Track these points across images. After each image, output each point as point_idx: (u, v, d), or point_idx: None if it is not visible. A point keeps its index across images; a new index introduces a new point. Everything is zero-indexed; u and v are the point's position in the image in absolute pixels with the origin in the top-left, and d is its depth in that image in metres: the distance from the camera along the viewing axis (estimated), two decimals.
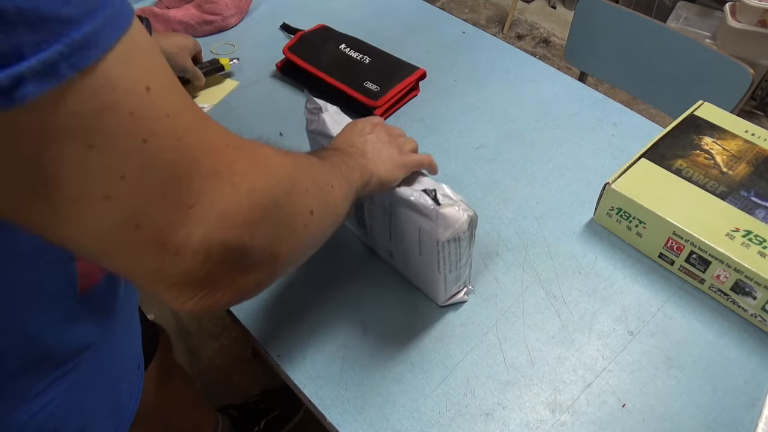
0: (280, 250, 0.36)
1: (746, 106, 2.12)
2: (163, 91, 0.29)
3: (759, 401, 0.62)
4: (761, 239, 0.67)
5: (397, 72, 0.98)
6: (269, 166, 0.36)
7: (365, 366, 0.64)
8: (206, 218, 0.31)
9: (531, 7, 2.75)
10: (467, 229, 0.60)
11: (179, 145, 0.30)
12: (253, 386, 1.34)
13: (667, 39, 1.16)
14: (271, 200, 0.35)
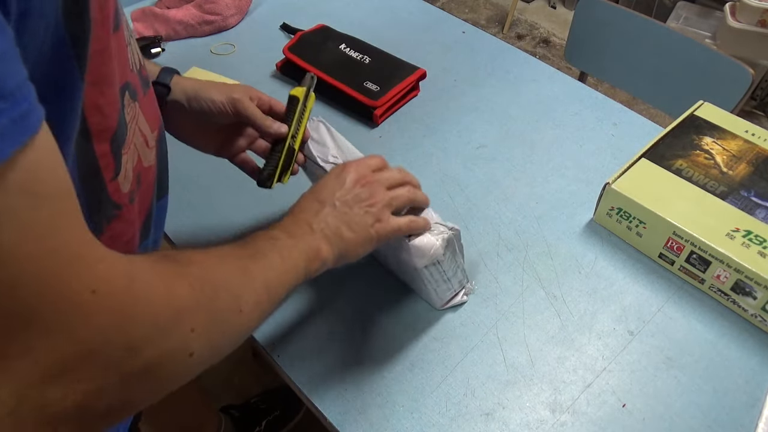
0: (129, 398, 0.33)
1: (746, 106, 2.12)
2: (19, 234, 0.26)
3: (759, 401, 0.62)
4: (761, 239, 0.67)
5: (397, 72, 0.98)
6: (136, 317, 0.32)
7: (365, 366, 0.64)
8: (21, 373, 0.27)
9: (531, 7, 2.75)
10: (444, 251, 0.59)
11: (11, 294, 0.26)
12: (254, 386, 1.34)
13: (667, 39, 1.16)
14: (123, 352, 0.31)
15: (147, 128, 0.49)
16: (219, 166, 0.73)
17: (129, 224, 0.47)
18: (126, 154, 0.43)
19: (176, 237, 0.78)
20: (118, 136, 0.41)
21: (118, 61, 0.40)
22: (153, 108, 0.52)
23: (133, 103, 0.45)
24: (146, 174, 0.49)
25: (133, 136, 0.45)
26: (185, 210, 0.81)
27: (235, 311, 0.41)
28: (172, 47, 1.10)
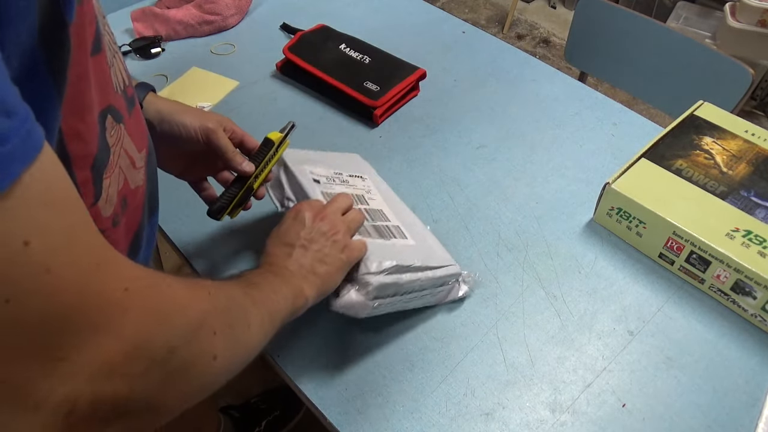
0: (165, 400, 0.34)
1: (746, 106, 2.12)
2: (49, 244, 0.27)
3: (759, 401, 0.62)
4: (761, 239, 0.67)
5: (397, 72, 0.98)
6: (171, 314, 0.33)
7: (365, 366, 0.64)
8: (75, 372, 0.28)
9: (531, 7, 2.75)
10: (374, 300, 0.58)
11: (53, 301, 0.27)
12: (254, 386, 1.34)
13: (667, 39, 1.16)
14: (165, 350, 0.32)
15: (134, 149, 0.48)
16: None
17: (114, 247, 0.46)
18: (108, 178, 0.43)
19: (176, 238, 0.78)
20: (98, 162, 0.41)
21: (98, 84, 0.40)
22: (140, 127, 0.51)
23: (118, 125, 0.44)
24: (133, 196, 0.49)
25: (118, 159, 0.45)
26: (183, 209, 0.81)
27: (245, 326, 0.43)
28: (172, 47, 1.10)
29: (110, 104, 0.43)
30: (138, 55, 1.07)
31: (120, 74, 0.46)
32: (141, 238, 0.52)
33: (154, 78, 1.03)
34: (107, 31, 0.45)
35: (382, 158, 0.84)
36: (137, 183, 0.49)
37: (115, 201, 0.45)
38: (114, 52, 0.46)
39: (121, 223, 0.47)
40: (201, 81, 1.03)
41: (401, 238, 0.66)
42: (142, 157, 0.51)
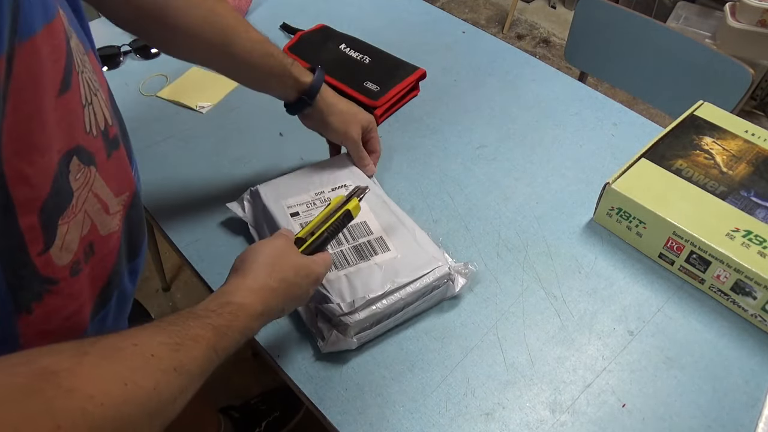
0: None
1: (746, 106, 2.12)
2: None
3: (759, 401, 0.62)
4: (761, 239, 0.67)
5: (397, 72, 0.98)
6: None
7: (365, 366, 0.64)
8: None
9: (531, 7, 2.75)
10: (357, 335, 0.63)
11: None
12: (254, 387, 1.34)
13: (667, 39, 1.16)
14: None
15: (108, 194, 0.45)
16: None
17: (71, 299, 0.42)
18: (67, 224, 0.40)
19: (176, 238, 0.78)
20: (49, 206, 0.37)
21: (62, 125, 0.38)
22: (120, 171, 0.48)
23: (86, 168, 0.41)
24: (104, 243, 0.45)
25: (84, 203, 0.42)
26: (183, 209, 0.81)
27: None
28: None
29: (78, 145, 0.40)
30: (138, 55, 1.07)
31: (101, 113, 0.44)
32: (111, 288, 0.49)
33: (154, 78, 1.03)
34: (88, 68, 0.43)
35: (382, 158, 0.84)
36: (110, 229, 0.46)
37: (75, 248, 0.41)
38: (95, 91, 0.43)
39: (84, 272, 0.43)
40: (201, 81, 1.03)
41: (383, 252, 0.67)
42: (120, 201, 0.47)
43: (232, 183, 0.84)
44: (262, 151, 0.89)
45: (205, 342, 0.41)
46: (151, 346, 0.37)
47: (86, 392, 0.31)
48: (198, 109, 0.97)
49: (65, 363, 0.31)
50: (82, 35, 0.45)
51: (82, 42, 0.44)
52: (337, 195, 0.72)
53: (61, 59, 0.37)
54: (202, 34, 0.65)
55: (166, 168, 0.87)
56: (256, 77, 0.71)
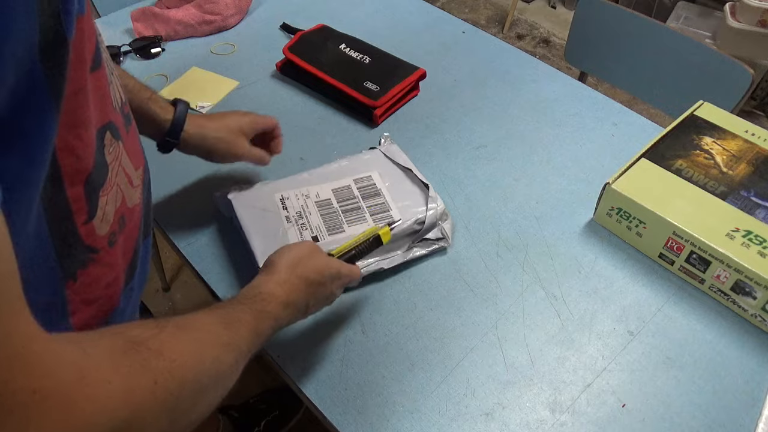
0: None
1: (746, 106, 2.12)
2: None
3: (759, 401, 0.62)
4: (761, 239, 0.67)
5: (397, 72, 0.98)
6: (91, 414, 0.29)
7: (365, 366, 0.64)
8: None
9: (531, 7, 2.75)
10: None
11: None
12: (253, 386, 1.34)
13: (667, 39, 1.16)
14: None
15: (131, 167, 0.47)
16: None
17: (109, 268, 0.45)
18: (106, 196, 0.42)
19: (176, 238, 0.78)
20: (93, 179, 0.40)
21: (97, 101, 0.39)
22: (136, 145, 0.50)
23: (116, 142, 0.44)
24: (131, 215, 0.48)
25: (116, 176, 0.44)
26: (183, 209, 0.81)
27: (197, 404, 0.39)
28: (172, 47, 1.10)
29: (110, 121, 0.42)
30: (138, 55, 1.07)
31: (117, 91, 0.46)
32: (138, 258, 0.51)
33: (154, 78, 1.03)
34: (104, 49, 0.44)
35: None
36: (134, 201, 0.49)
37: (111, 219, 0.44)
38: (111, 69, 0.45)
39: (118, 242, 0.45)
40: (201, 81, 1.03)
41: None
42: (139, 174, 0.50)
43: (231, 183, 0.84)
44: None
45: (246, 323, 0.47)
46: (208, 324, 0.43)
47: (170, 355, 0.36)
48: (198, 109, 0.97)
49: (150, 333, 0.36)
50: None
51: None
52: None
53: (93, 37, 0.38)
54: None
55: (166, 168, 0.87)
56: None
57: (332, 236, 0.71)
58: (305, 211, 0.73)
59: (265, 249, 0.68)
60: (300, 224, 0.72)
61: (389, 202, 0.75)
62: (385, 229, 0.67)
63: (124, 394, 0.31)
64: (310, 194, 0.76)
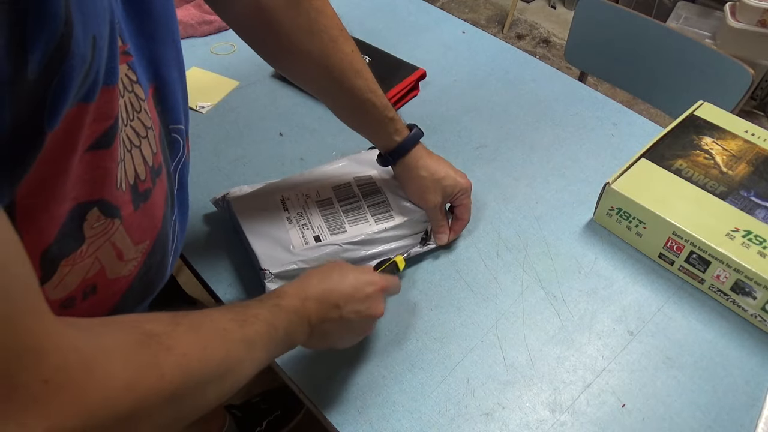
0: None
1: (746, 106, 2.12)
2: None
3: (759, 401, 0.62)
4: (761, 239, 0.67)
5: (397, 72, 0.98)
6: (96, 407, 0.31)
7: (365, 366, 0.64)
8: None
9: (531, 7, 2.75)
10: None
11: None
12: (254, 386, 1.34)
13: (667, 39, 1.16)
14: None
15: (128, 243, 0.45)
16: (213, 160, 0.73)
17: None
18: (70, 266, 0.40)
19: None
20: (53, 250, 0.38)
21: (88, 180, 0.37)
22: (149, 221, 0.47)
23: (108, 220, 0.41)
24: (109, 285, 0.45)
25: (96, 250, 0.42)
26: None
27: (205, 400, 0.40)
28: None
29: (101, 199, 0.40)
30: None
31: (138, 167, 0.44)
32: None
33: None
34: (142, 115, 0.43)
35: None
36: (120, 273, 0.46)
37: (73, 287, 0.41)
38: (133, 146, 0.43)
39: (77, 308, 0.43)
40: (201, 81, 1.03)
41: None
42: (140, 249, 0.47)
43: (232, 183, 0.84)
44: (262, 151, 0.89)
45: (263, 318, 0.47)
46: (223, 322, 0.43)
47: (180, 351, 0.37)
48: (198, 109, 0.97)
49: (164, 329, 0.38)
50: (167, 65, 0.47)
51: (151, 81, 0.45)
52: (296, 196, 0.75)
53: (106, 121, 0.36)
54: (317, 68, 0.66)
55: None
56: (351, 122, 0.74)
57: (334, 236, 0.70)
58: (306, 211, 0.73)
59: (268, 251, 0.68)
60: (301, 224, 0.71)
61: (390, 200, 0.74)
62: (399, 257, 0.68)
63: (129, 387, 0.33)
64: (310, 194, 0.75)
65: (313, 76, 0.68)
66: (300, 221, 0.72)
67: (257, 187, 0.76)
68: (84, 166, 0.36)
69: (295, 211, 0.73)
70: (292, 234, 0.70)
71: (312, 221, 0.72)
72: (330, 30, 0.66)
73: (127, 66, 0.40)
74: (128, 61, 0.40)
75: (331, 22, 0.66)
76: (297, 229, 0.71)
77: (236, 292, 0.71)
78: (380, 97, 0.70)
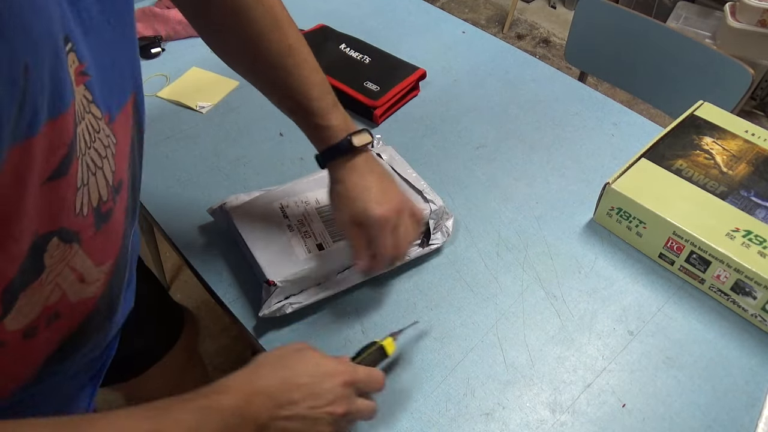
0: None
1: (746, 106, 2.12)
2: None
3: (759, 401, 0.62)
4: (761, 239, 0.67)
5: (397, 72, 0.98)
6: None
7: None
8: None
9: (531, 7, 2.75)
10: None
11: None
12: None
13: (667, 39, 1.16)
14: None
15: (88, 265, 0.42)
16: (216, 163, 0.73)
17: (16, 360, 0.40)
18: (28, 296, 0.37)
19: (176, 238, 0.78)
20: (14, 286, 0.35)
21: (45, 210, 0.35)
22: (108, 242, 0.44)
23: (66, 245, 0.39)
24: (72, 308, 0.43)
25: (56, 277, 0.39)
26: (183, 209, 0.81)
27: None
28: (172, 47, 1.10)
29: (61, 227, 0.37)
30: None
31: (102, 189, 0.41)
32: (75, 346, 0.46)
33: (154, 78, 1.03)
34: (100, 138, 0.40)
35: None
36: (84, 295, 0.43)
37: (34, 316, 0.39)
38: (97, 168, 0.40)
39: (40, 337, 0.41)
40: (201, 81, 1.03)
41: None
42: (101, 270, 0.44)
43: (232, 183, 0.84)
44: (262, 151, 0.89)
45: (185, 425, 0.39)
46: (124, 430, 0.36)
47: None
48: (198, 109, 0.97)
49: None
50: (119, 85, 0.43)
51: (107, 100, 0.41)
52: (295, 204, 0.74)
53: (61, 150, 0.34)
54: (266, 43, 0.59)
55: (166, 168, 0.87)
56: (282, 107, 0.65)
57: (337, 243, 0.69)
58: (306, 218, 0.72)
59: (272, 261, 0.66)
60: (303, 232, 0.70)
61: None
62: (388, 340, 0.60)
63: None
64: (309, 200, 0.74)
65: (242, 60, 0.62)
66: (301, 228, 0.71)
67: (254, 194, 0.75)
68: (41, 198, 0.34)
69: (296, 218, 0.72)
70: (294, 242, 0.69)
71: (313, 228, 0.71)
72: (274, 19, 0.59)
73: (84, 87, 0.37)
74: (85, 81, 0.37)
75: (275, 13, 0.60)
76: (299, 237, 0.70)
77: (236, 293, 0.71)
78: (315, 99, 0.61)
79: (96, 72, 0.38)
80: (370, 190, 0.61)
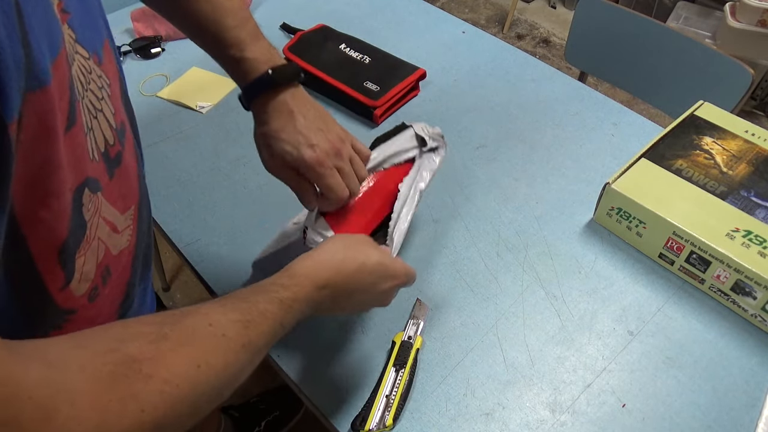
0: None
1: (746, 106, 2.12)
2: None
3: (759, 401, 0.62)
4: (761, 239, 0.67)
5: (397, 72, 0.98)
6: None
7: (365, 366, 0.64)
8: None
9: (531, 7, 2.75)
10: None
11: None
12: (253, 386, 1.34)
13: (667, 39, 1.16)
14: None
15: (115, 214, 0.43)
16: (216, 165, 0.73)
17: (89, 322, 0.42)
18: (83, 256, 0.39)
19: (176, 238, 0.78)
20: (69, 245, 0.36)
21: (73, 160, 0.36)
22: (125, 187, 0.45)
23: (94, 195, 0.40)
24: (117, 261, 0.44)
25: (96, 230, 0.40)
26: (183, 209, 0.81)
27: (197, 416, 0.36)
28: (172, 47, 1.10)
29: (87, 177, 0.38)
30: (138, 55, 1.07)
31: (106, 132, 0.41)
32: (132, 296, 0.48)
33: (154, 78, 1.03)
34: (93, 80, 0.40)
35: None
36: (121, 246, 0.45)
37: (92, 276, 0.40)
38: (97, 110, 0.40)
39: (101, 296, 0.43)
40: (201, 81, 1.03)
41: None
42: (127, 217, 0.45)
43: (232, 183, 0.84)
44: None
45: (272, 316, 0.42)
46: (224, 325, 0.38)
47: (163, 377, 0.33)
48: (198, 109, 0.97)
49: (146, 350, 0.33)
50: (93, 25, 0.42)
51: (90, 40, 0.40)
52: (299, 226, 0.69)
53: (66, 93, 0.34)
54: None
55: (166, 168, 0.87)
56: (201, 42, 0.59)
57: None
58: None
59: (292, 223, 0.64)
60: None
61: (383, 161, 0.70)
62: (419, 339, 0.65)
63: (98, 430, 0.29)
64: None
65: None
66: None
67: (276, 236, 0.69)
68: (67, 148, 0.35)
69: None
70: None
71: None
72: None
73: (68, 25, 0.36)
74: (68, 20, 0.36)
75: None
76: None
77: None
78: (230, 28, 0.56)
79: (74, 10, 0.38)
80: (300, 131, 0.55)
